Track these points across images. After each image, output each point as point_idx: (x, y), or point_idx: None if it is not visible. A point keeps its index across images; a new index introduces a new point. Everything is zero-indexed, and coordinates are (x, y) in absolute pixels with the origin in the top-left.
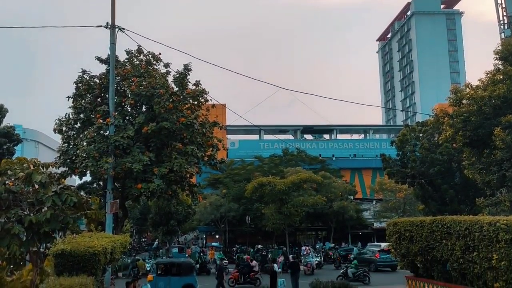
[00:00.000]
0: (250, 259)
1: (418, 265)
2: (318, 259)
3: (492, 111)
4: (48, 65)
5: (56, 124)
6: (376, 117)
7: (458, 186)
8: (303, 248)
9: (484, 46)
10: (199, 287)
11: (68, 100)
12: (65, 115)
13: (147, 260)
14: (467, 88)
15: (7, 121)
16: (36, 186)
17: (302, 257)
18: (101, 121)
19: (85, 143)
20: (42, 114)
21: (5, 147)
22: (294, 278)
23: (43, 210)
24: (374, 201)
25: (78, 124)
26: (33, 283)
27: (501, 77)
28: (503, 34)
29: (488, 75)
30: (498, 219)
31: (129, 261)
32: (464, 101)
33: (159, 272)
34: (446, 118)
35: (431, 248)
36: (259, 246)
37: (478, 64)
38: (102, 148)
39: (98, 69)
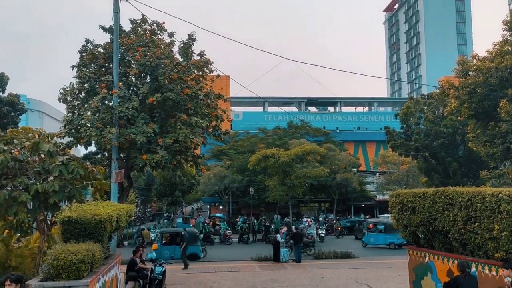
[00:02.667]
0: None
1: (420, 235)
2: (323, 232)
3: (499, 83)
4: (53, 35)
5: (60, 93)
6: (381, 90)
7: (461, 159)
8: (304, 219)
9: (493, 17)
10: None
11: (72, 69)
12: (70, 84)
13: (151, 230)
14: (474, 60)
15: (12, 91)
16: (42, 156)
17: (303, 229)
18: (106, 91)
19: (89, 113)
20: (46, 85)
21: (10, 116)
22: (297, 248)
23: (49, 180)
24: (378, 174)
25: (83, 94)
26: (40, 249)
27: (509, 48)
28: None
29: (496, 46)
30: (500, 190)
31: (134, 230)
32: (470, 73)
33: (163, 241)
34: (451, 90)
35: (433, 219)
36: (252, 218)
37: (486, 36)
38: (106, 118)
39: (103, 38)
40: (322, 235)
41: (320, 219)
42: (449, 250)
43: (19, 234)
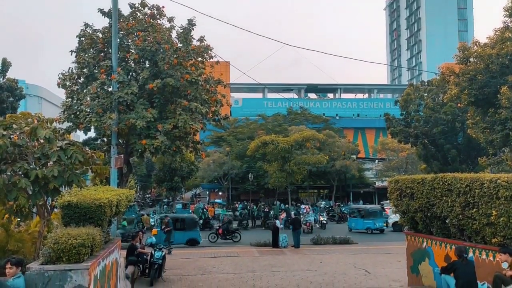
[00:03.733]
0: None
1: (418, 221)
2: (325, 219)
3: (499, 69)
4: (51, 20)
5: (59, 78)
6: (381, 77)
7: (460, 146)
8: (303, 206)
9: (494, 3)
10: (203, 241)
11: (71, 54)
12: (69, 69)
13: (151, 215)
14: (475, 46)
15: (9, 76)
16: (41, 141)
17: (301, 216)
18: (105, 76)
19: (88, 98)
20: (45, 70)
21: (8, 101)
22: (296, 234)
23: (49, 165)
24: (377, 161)
25: (82, 79)
26: (40, 234)
27: (510, 34)
28: None
29: (497, 33)
30: (498, 176)
31: (134, 216)
32: (471, 59)
33: (163, 226)
34: (452, 76)
35: (431, 205)
36: (247, 203)
37: (487, 22)
38: (106, 103)
39: (102, 23)
40: (324, 221)
41: (322, 205)
42: (446, 235)
43: (18, 219)
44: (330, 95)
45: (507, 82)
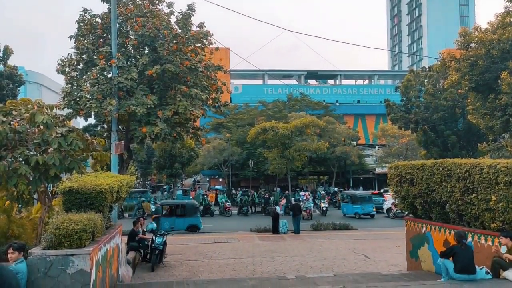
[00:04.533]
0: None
1: (418, 207)
2: (325, 206)
3: (500, 55)
4: (50, 6)
5: (59, 64)
6: (381, 63)
7: (460, 132)
8: (302, 193)
9: None
10: (203, 227)
11: (70, 40)
12: (68, 55)
13: (152, 202)
14: (476, 31)
15: (9, 63)
16: (41, 127)
17: (301, 203)
18: (104, 62)
19: (88, 84)
20: (44, 57)
21: (8, 88)
22: (296, 220)
23: (49, 151)
24: (377, 147)
25: (81, 65)
26: (42, 220)
27: (511, 19)
28: None
29: (498, 18)
30: (498, 162)
31: (134, 202)
32: (472, 45)
33: (164, 213)
34: (452, 62)
35: (430, 191)
36: (251, 190)
37: (489, 7)
38: (106, 89)
39: (101, 8)
40: (325, 208)
41: (323, 192)
42: (446, 221)
43: (19, 206)
44: (330, 82)
45: (508, 67)
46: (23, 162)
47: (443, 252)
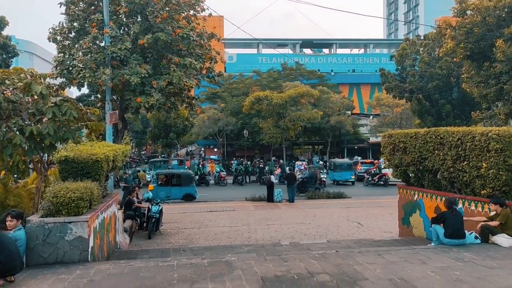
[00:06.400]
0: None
1: (410, 174)
2: (324, 177)
3: (496, 22)
4: None
5: (50, 32)
6: (377, 32)
7: (455, 101)
8: (299, 163)
9: None
10: (199, 196)
11: (60, 7)
12: (59, 23)
13: (147, 171)
14: None
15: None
16: (35, 97)
17: (299, 172)
18: (96, 30)
19: (81, 54)
20: (34, 24)
21: (0, 58)
22: (291, 189)
23: (43, 121)
24: (371, 116)
25: (73, 34)
26: (38, 189)
27: None
28: None
29: None
30: (490, 129)
31: (130, 172)
32: (468, 12)
33: (159, 182)
34: (448, 30)
35: (423, 159)
36: (246, 160)
37: None
38: (99, 58)
39: None
40: (324, 179)
41: (321, 162)
42: (437, 188)
43: (15, 175)
44: (326, 51)
45: (503, 35)
46: (17, 132)
47: (434, 218)
